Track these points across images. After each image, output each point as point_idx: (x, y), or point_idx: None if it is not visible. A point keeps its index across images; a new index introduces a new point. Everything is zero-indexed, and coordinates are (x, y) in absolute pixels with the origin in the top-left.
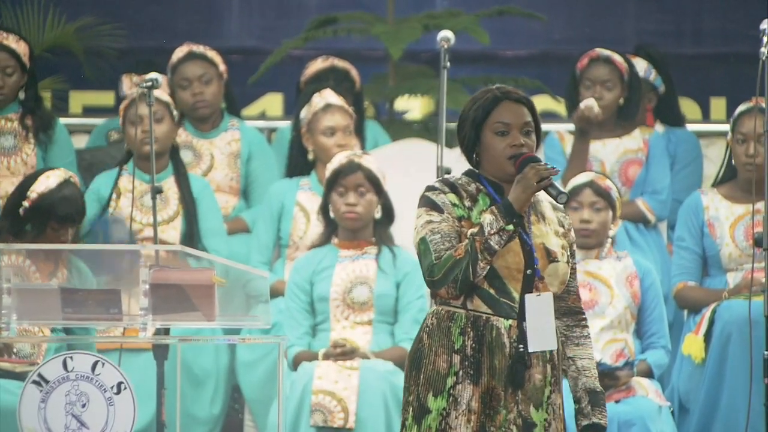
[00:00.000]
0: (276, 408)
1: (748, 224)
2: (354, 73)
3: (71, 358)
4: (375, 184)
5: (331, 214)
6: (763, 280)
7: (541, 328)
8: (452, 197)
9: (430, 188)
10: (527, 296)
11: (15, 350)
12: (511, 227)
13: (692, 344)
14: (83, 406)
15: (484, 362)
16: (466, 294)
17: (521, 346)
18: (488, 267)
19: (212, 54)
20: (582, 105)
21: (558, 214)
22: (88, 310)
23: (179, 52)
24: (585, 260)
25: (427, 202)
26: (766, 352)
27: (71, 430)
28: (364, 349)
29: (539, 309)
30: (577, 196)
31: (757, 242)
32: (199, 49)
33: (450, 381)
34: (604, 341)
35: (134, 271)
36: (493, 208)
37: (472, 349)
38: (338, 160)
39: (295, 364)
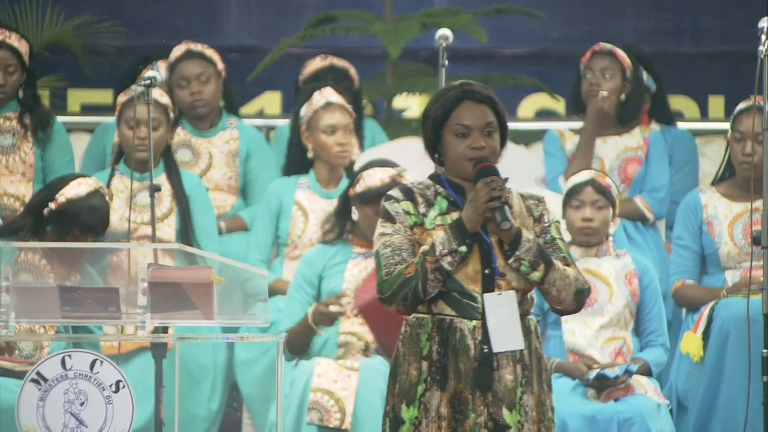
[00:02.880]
0: (275, 407)
1: (747, 222)
2: (353, 72)
3: (70, 356)
4: None
5: (354, 217)
6: (762, 278)
7: (506, 328)
8: (406, 205)
9: (387, 197)
10: (486, 296)
11: (17, 351)
12: (464, 248)
13: (691, 342)
14: (82, 404)
15: (450, 366)
16: (431, 300)
17: (485, 347)
18: (440, 285)
19: (210, 52)
20: (599, 94)
21: (529, 203)
22: (86, 308)
23: (177, 51)
24: (584, 258)
25: (383, 213)
26: (764, 350)
27: (70, 429)
28: (371, 344)
29: (501, 308)
30: (578, 194)
31: (756, 240)
32: (197, 47)
33: (420, 389)
34: (603, 339)
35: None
36: (446, 226)
37: (438, 353)
38: (379, 177)
39: (288, 334)
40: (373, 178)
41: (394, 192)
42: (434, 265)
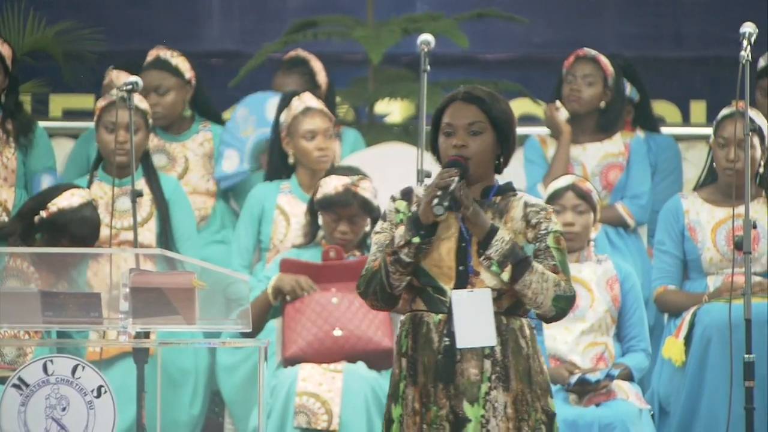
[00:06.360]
0: (257, 412)
1: (730, 228)
2: (316, 65)
3: (51, 361)
4: (369, 210)
5: (320, 222)
6: (744, 283)
7: (474, 325)
8: (400, 204)
9: (390, 197)
10: (453, 292)
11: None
12: (417, 239)
13: (672, 347)
14: (63, 409)
15: (420, 360)
16: (411, 298)
17: (448, 339)
18: (406, 278)
19: (178, 61)
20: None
21: (529, 210)
22: (68, 313)
23: (149, 56)
24: None
25: (382, 213)
26: (746, 356)
27: None
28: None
29: (471, 305)
30: (559, 199)
31: (738, 245)
32: (165, 55)
33: (402, 386)
34: (585, 345)
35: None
36: (406, 218)
37: (411, 348)
38: (333, 185)
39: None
40: (328, 186)
41: (396, 192)
42: (393, 257)
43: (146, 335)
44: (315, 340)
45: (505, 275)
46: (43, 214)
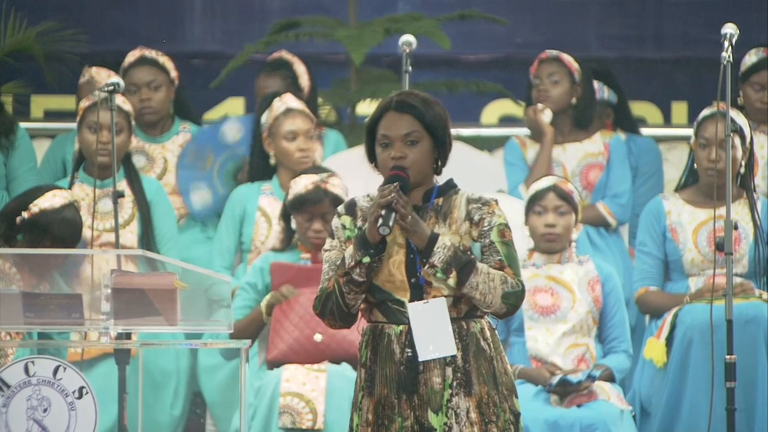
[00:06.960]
0: (239, 413)
1: (711, 230)
2: (299, 68)
3: (33, 362)
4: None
5: (293, 225)
6: (725, 284)
7: (433, 335)
8: (345, 219)
9: (336, 212)
10: (409, 305)
11: None
12: (367, 259)
13: (654, 348)
14: (45, 410)
15: (378, 371)
16: (368, 309)
17: (409, 350)
18: (361, 296)
19: (164, 60)
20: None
21: (471, 207)
22: (49, 314)
23: (131, 56)
24: (547, 264)
25: (330, 229)
26: (727, 357)
27: None
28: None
29: (428, 316)
30: (540, 200)
31: (719, 246)
32: (151, 54)
33: (360, 396)
34: (566, 346)
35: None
36: (354, 237)
37: (370, 360)
38: (303, 184)
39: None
40: (298, 186)
41: (341, 206)
42: (345, 278)
43: (128, 336)
44: (295, 343)
45: (451, 281)
46: (25, 214)
